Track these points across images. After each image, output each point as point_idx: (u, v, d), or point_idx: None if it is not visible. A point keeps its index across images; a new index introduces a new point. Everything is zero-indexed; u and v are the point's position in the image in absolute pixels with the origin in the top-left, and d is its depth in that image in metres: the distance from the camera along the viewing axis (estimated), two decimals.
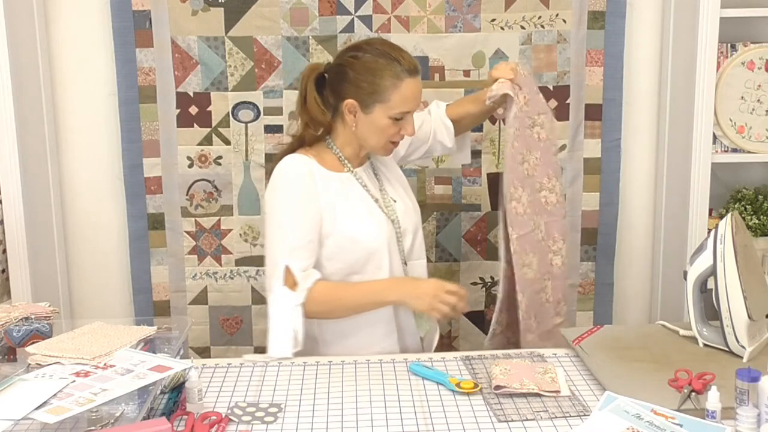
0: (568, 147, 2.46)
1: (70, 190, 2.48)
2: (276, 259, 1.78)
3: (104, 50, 2.40)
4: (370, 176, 1.92)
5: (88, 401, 1.31)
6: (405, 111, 1.80)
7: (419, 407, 1.50)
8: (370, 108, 1.79)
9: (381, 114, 1.79)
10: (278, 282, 1.76)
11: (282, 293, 1.76)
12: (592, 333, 1.83)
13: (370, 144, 1.85)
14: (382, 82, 1.77)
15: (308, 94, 1.85)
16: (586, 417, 1.44)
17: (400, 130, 1.82)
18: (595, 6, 2.38)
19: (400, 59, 1.78)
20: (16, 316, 1.63)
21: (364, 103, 1.79)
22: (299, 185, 1.80)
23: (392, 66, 1.77)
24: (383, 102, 1.78)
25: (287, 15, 2.37)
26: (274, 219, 1.82)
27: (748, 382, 1.36)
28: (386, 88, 1.77)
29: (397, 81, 1.77)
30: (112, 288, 2.53)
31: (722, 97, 2.29)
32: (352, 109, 1.80)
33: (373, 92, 1.77)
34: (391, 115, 1.79)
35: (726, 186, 2.47)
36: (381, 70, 1.77)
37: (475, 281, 2.53)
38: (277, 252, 1.79)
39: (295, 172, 1.82)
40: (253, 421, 1.45)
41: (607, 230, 2.50)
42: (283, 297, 1.76)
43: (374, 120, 1.80)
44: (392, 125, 1.80)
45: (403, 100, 1.78)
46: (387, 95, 1.77)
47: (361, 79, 1.78)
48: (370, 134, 1.82)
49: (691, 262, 1.77)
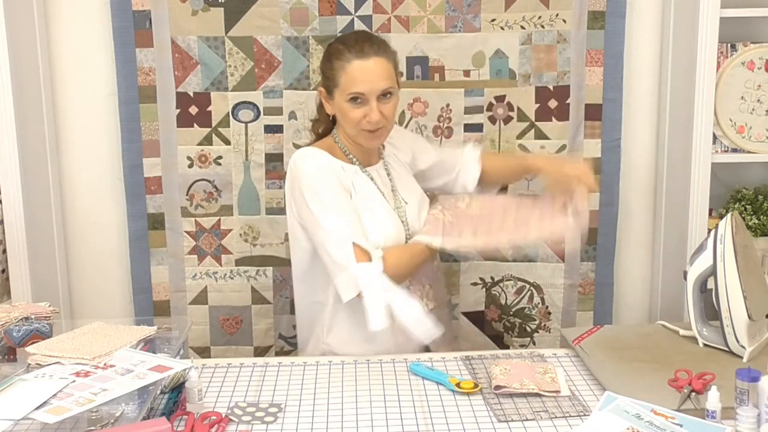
0: (568, 147, 2.46)
1: (70, 190, 2.48)
2: (341, 243, 1.78)
3: (104, 50, 2.40)
4: (383, 176, 1.96)
5: (88, 401, 1.31)
6: (356, 92, 1.83)
7: (419, 407, 1.50)
8: (332, 94, 1.89)
9: (340, 98, 1.86)
10: (352, 261, 1.76)
11: (359, 268, 1.76)
12: (592, 333, 1.83)
13: (347, 132, 1.91)
14: (333, 65, 1.86)
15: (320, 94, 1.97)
16: (586, 417, 1.44)
17: (364, 115, 1.84)
18: (595, 6, 2.38)
19: (351, 43, 1.86)
20: (16, 316, 1.63)
21: (328, 89, 1.91)
22: (328, 171, 1.85)
23: (341, 51, 1.86)
24: (337, 86, 1.86)
25: (287, 15, 2.37)
26: (320, 207, 1.81)
27: (748, 382, 1.36)
28: (336, 70, 1.86)
29: (345, 63, 1.84)
30: (112, 288, 2.53)
31: (722, 97, 2.28)
32: (325, 97, 1.92)
33: (330, 77, 1.88)
34: (346, 98, 1.84)
35: (726, 186, 2.47)
36: (332, 55, 1.88)
37: (475, 281, 2.53)
38: (339, 237, 1.78)
39: (319, 161, 1.87)
40: (253, 421, 1.45)
41: (607, 230, 2.50)
42: (364, 271, 1.75)
43: (337, 104, 1.88)
44: (353, 109, 1.84)
45: (351, 81, 1.83)
46: (338, 78, 1.85)
47: (324, 68, 1.91)
48: (341, 120, 1.90)
49: (691, 262, 1.77)
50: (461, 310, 2.54)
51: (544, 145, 2.45)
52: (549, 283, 2.52)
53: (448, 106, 2.42)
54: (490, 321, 2.57)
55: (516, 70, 2.41)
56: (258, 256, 2.49)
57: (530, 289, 2.53)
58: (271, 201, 2.46)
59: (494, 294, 2.54)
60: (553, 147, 2.46)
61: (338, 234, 1.78)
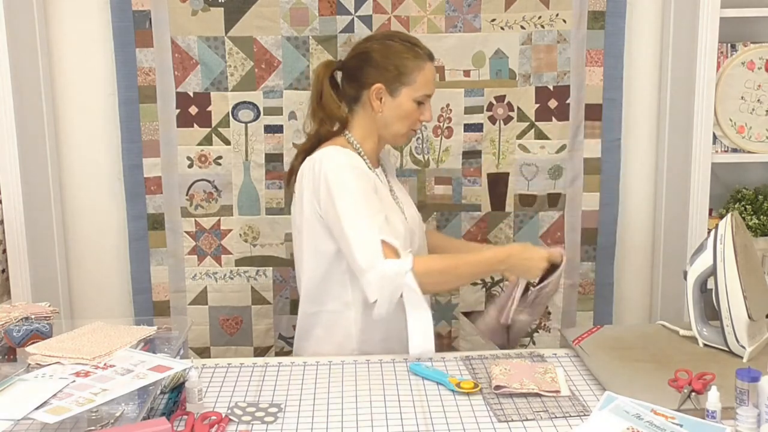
0: (568, 147, 2.46)
1: (70, 190, 2.48)
2: (369, 241, 1.72)
3: (104, 50, 2.40)
4: (384, 179, 1.96)
5: (88, 401, 1.31)
6: (427, 94, 1.88)
7: (419, 407, 1.50)
8: (398, 91, 1.85)
9: (407, 96, 1.85)
10: (379, 258, 1.70)
11: (386, 264, 1.70)
12: (592, 333, 1.83)
13: (394, 130, 1.89)
14: (408, 63, 1.84)
15: (324, 90, 1.91)
16: (586, 417, 1.44)
17: (419, 115, 1.88)
18: (595, 6, 2.38)
19: (420, 45, 1.89)
20: (16, 316, 1.63)
21: (392, 86, 1.85)
22: (359, 168, 1.82)
23: (415, 50, 1.87)
24: (409, 84, 1.85)
25: (287, 15, 2.37)
26: (348, 204, 1.75)
27: (748, 382, 1.36)
28: (412, 69, 1.84)
29: (421, 63, 1.86)
30: (112, 288, 2.53)
31: (722, 97, 2.29)
32: (379, 94, 1.86)
33: (400, 74, 1.85)
34: (416, 98, 1.86)
35: (726, 186, 2.47)
36: (406, 53, 1.85)
37: (475, 281, 2.53)
38: (367, 235, 1.72)
39: (346, 158, 1.82)
40: (253, 421, 1.45)
41: (607, 230, 2.50)
42: (389, 267, 1.70)
43: (401, 103, 1.86)
44: (416, 109, 1.87)
45: (426, 82, 1.86)
46: (413, 77, 1.84)
47: (388, 63, 1.85)
48: (395, 119, 1.87)
49: (691, 262, 1.77)
50: (461, 310, 2.54)
51: (544, 145, 2.46)
52: None
53: (448, 106, 2.42)
54: None
55: (516, 70, 2.42)
56: (258, 256, 2.49)
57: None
58: (271, 201, 2.46)
59: (494, 294, 2.54)
60: (553, 147, 2.46)
61: (367, 232, 1.72)
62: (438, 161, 2.47)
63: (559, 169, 2.47)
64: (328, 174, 1.78)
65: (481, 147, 2.47)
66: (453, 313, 2.53)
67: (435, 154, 2.47)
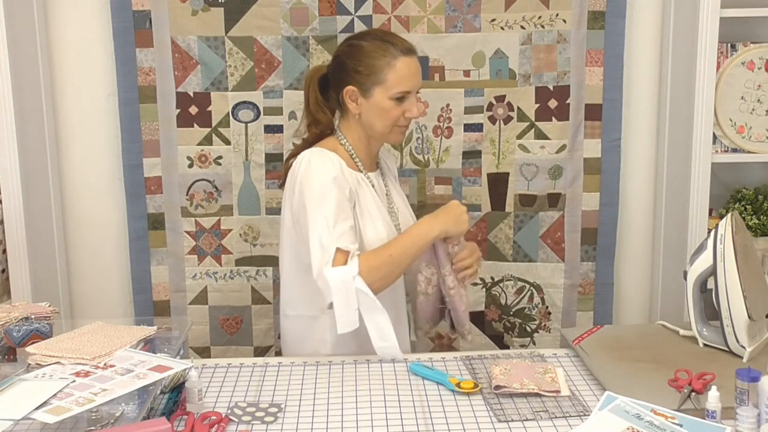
0: (568, 147, 2.46)
1: (70, 190, 2.48)
2: (325, 246, 1.71)
3: (104, 50, 2.40)
4: (380, 183, 1.94)
5: (88, 401, 1.31)
6: (404, 90, 1.80)
7: (419, 407, 1.50)
8: (370, 91, 1.80)
9: (381, 96, 1.80)
10: (328, 266, 1.69)
11: (334, 272, 1.69)
12: (592, 333, 1.83)
13: (377, 130, 1.85)
14: (377, 62, 1.79)
15: (310, 95, 1.89)
16: (586, 417, 1.44)
17: (404, 112, 1.83)
18: (595, 6, 2.38)
19: (393, 40, 1.82)
20: (16, 316, 1.63)
21: (363, 87, 1.81)
22: (332, 173, 1.77)
23: (385, 47, 1.80)
24: (381, 83, 1.79)
25: (287, 15, 2.37)
26: (314, 210, 1.75)
27: (748, 382, 1.36)
28: (382, 68, 1.79)
29: (392, 60, 1.79)
30: (112, 288, 2.53)
31: (722, 97, 2.28)
32: (353, 96, 1.82)
33: (370, 74, 1.79)
34: (391, 96, 1.80)
35: (726, 186, 2.47)
36: (374, 51, 1.80)
37: (475, 281, 2.53)
38: (323, 239, 1.71)
39: (325, 162, 1.79)
40: (253, 421, 1.45)
41: (607, 230, 2.50)
42: (336, 275, 1.69)
43: (376, 103, 1.81)
44: (395, 107, 1.81)
45: (400, 78, 1.79)
46: (383, 75, 1.79)
47: (357, 64, 1.81)
48: (375, 119, 1.83)
49: (691, 262, 1.77)
50: None
51: (544, 144, 2.46)
52: (549, 283, 2.52)
53: (448, 106, 2.42)
54: (490, 321, 2.57)
55: (516, 70, 2.42)
56: (258, 256, 2.49)
57: (530, 289, 2.53)
58: (271, 201, 2.46)
59: (494, 294, 2.54)
60: (553, 147, 2.46)
61: (325, 239, 1.71)
62: (438, 161, 2.47)
63: (559, 169, 2.47)
64: (302, 178, 1.78)
65: (481, 147, 2.47)
66: None
67: (435, 154, 2.47)
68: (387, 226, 1.85)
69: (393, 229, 1.87)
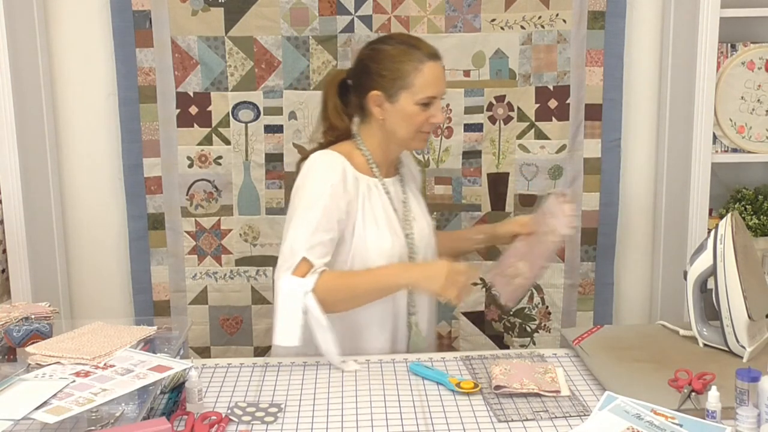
0: (568, 147, 2.46)
1: (70, 190, 2.49)
2: (295, 250, 1.71)
3: (104, 50, 2.40)
4: (397, 190, 1.90)
5: (88, 401, 1.31)
6: (430, 95, 1.78)
7: (419, 407, 1.50)
8: (396, 96, 1.78)
9: (407, 101, 1.77)
10: (288, 271, 1.70)
11: (290, 281, 1.70)
12: (592, 333, 1.83)
13: (400, 136, 1.82)
14: (403, 67, 1.76)
15: (329, 100, 1.86)
16: (586, 417, 1.44)
17: (428, 117, 1.80)
18: (595, 6, 2.38)
19: (419, 45, 1.80)
20: (16, 316, 1.63)
21: (389, 92, 1.78)
22: (330, 181, 1.75)
23: (412, 52, 1.78)
24: (407, 88, 1.76)
25: (287, 15, 2.37)
26: (300, 212, 1.75)
27: (748, 382, 1.36)
28: (408, 73, 1.76)
29: (419, 65, 1.76)
30: (112, 288, 2.53)
31: (722, 97, 2.28)
32: (378, 101, 1.79)
33: (396, 79, 1.77)
34: (417, 101, 1.77)
35: (726, 186, 2.47)
36: (401, 56, 1.77)
37: (475, 281, 2.53)
38: (296, 243, 1.72)
39: (328, 168, 1.77)
40: (253, 421, 1.45)
41: (607, 230, 2.50)
42: (291, 284, 1.70)
43: (401, 108, 1.78)
44: (420, 112, 1.78)
45: (427, 83, 1.77)
46: (410, 80, 1.76)
47: (383, 68, 1.78)
48: (399, 125, 1.80)
49: (691, 262, 1.77)
50: (461, 310, 2.54)
51: (544, 145, 2.46)
52: (549, 283, 2.52)
53: (448, 106, 2.42)
54: (490, 321, 2.57)
55: (516, 70, 2.42)
56: (258, 256, 2.49)
57: (530, 289, 2.53)
58: (271, 201, 2.46)
59: (494, 294, 2.54)
60: (553, 147, 2.46)
61: (299, 242, 1.71)
62: (438, 161, 2.47)
63: (559, 169, 2.47)
64: (302, 179, 1.78)
65: (481, 147, 2.47)
66: (453, 314, 2.54)
67: (435, 154, 2.47)
68: (393, 234, 1.82)
69: (401, 238, 1.83)
